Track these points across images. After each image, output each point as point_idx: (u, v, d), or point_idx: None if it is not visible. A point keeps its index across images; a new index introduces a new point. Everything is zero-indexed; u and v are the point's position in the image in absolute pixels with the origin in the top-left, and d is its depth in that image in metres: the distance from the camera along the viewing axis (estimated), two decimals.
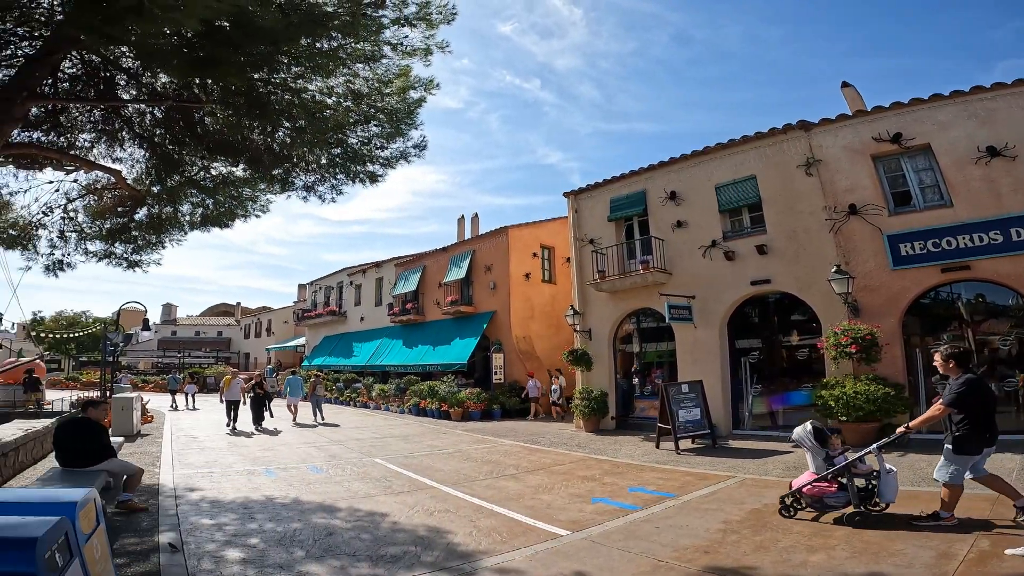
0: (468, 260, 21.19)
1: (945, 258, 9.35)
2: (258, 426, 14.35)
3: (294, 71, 6.48)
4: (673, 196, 13.07)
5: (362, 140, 7.76)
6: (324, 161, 7.92)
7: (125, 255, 9.15)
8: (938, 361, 5.01)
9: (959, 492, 4.74)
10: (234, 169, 8.32)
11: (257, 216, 9.06)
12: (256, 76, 6.25)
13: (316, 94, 7.02)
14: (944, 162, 9.58)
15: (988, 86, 9.32)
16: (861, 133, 10.48)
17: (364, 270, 28.74)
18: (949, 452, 4.74)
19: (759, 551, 4.54)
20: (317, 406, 16.62)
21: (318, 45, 6.12)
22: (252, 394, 15.11)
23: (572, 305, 14.87)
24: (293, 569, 4.32)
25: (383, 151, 7.91)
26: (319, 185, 8.23)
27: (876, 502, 5.12)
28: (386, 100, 7.36)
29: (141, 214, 8.97)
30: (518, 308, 19.43)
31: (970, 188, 9.27)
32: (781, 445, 9.76)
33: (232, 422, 14.31)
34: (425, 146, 7.97)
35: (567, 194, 15.76)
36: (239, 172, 8.36)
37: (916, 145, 9.87)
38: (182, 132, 7.78)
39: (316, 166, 8.03)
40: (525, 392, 17.30)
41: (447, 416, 17.10)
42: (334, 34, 6.01)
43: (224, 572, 4.26)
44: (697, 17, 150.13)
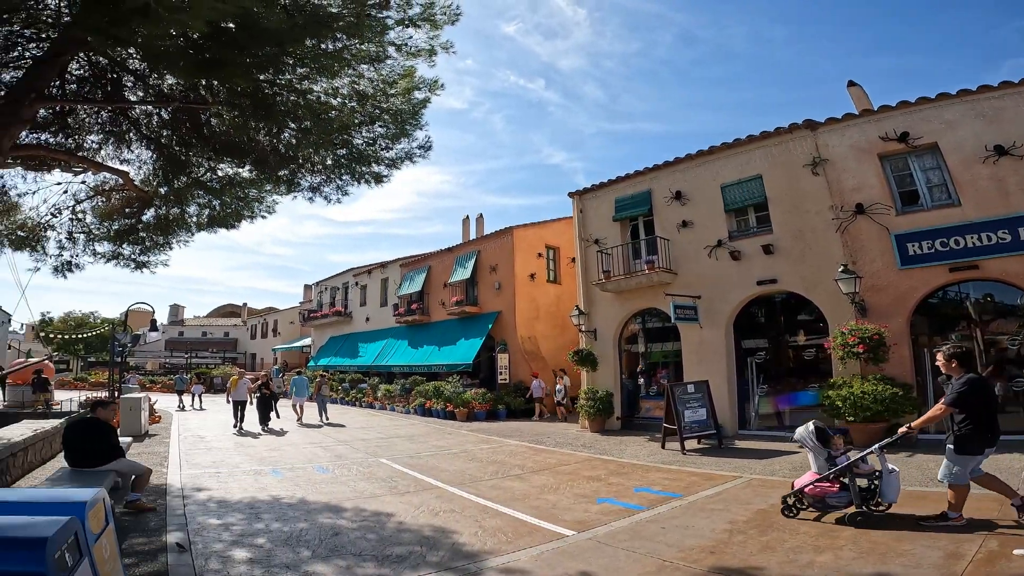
0: (473, 260, 21.19)
1: (953, 257, 9.29)
2: (264, 426, 14.40)
3: (299, 72, 6.51)
4: (678, 196, 13.04)
5: (367, 141, 7.78)
6: (330, 162, 7.95)
7: (133, 256, 9.20)
8: (940, 361, 5.00)
9: (965, 492, 4.72)
10: (240, 170, 8.36)
11: (263, 217, 9.12)
12: (262, 77, 6.28)
13: (321, 95, 7.05)
14: (952, 161, 9.52)
15: (995, 85, 9.26)
16: (868, 132, 10.42)
17: (369, 271, 28.80)
18: (951, 452, 4.73)
19: (765, 551, 4.52)
20: (322, 406, 16.70)
21: (323, 46, 6.15)
22: (258, 394, 15.18)
23: (577, 305, 14.86)
24: (299, 569, 4.33)
25: (388, 152, 7.93)
26: (325, 186, 8.26)
27: (878, 502, 5.10)
28: (391, 101, 7.38)
29: (148, 215, 9.02)
30: (523, 308, 19.41)
31: (978, 187, 9.22)
32: (787, 445, 9.70)
33: (239, 422, 14.37)
34: (430, 147, 8.00)
35: (572, 194, 15.75)
36: (245, 173, 8.39)
37: (923, 144, 9.82)
38: (189, 133, 7.83)
39: (322, 167, 8.05)
40: (530, 392, 17.29)
41: (452, 416, 17.10)
42: (339, 35, 6.03)
43: (231, 572, 4.28)
44: (702, 17, 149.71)
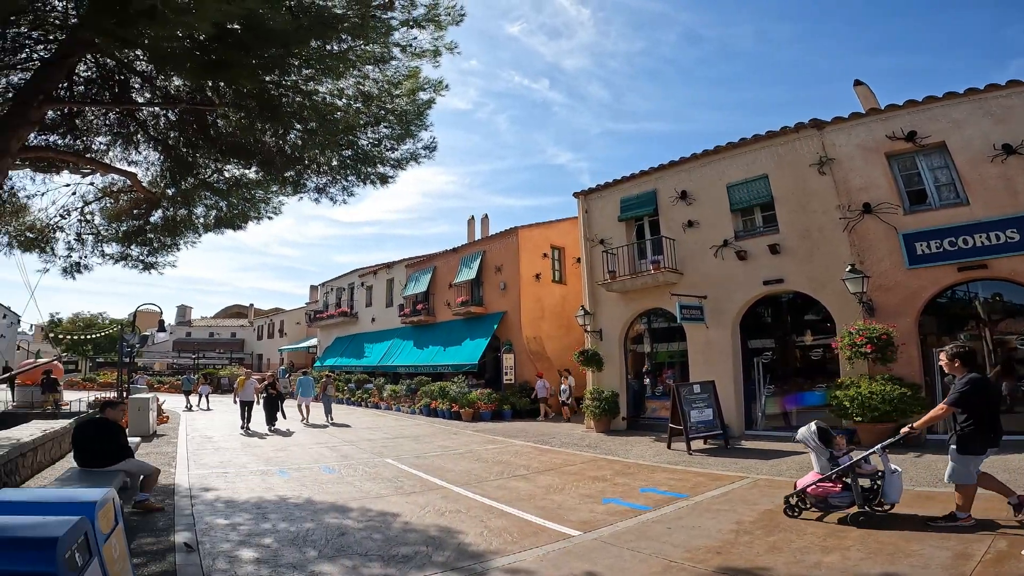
0: (478, 261, 21.21)
1: (961, 257, 9.22)
2: (271, 426, 14.45)
3: (305, 73, 6.53)
4: (684, 196, 13.00)
5: (372, 142, 7.80)
6: (335, 163, 7.97)
7: (141, 257, 9.27)
8: (943, 360, 4.98)
9: (973, 491, 4.69)
10: (247, 171, 8.40)
11: (270, 218, 9.16)
12: (268, 78, 6.31)
13: (327, 96, 7.08)
14: (960, 160, 9.45)
15: (1003, 84, 9.17)
16: (875, 131, 10.36)
17: (375, 271, 28.86)
18: (954, 452, 4.72)
19: (772, 552, 4.51)
20: (328, 406, 16.74)
21: (328, 47, 6.17)
22: (265, 395, 15.23)
23: (583, 305, 14.83)
24: (306, 569, 4.35)
25: (393, 152, 7.95)
26: (330, 187, 8.29)
27: (880, 502, 5.08)
28: (396, 102, 7.40)
29: (156, 216, 9.08)
30: (528, 308, 19.40)
31: (986, 186, 9.14)
32: (794, 446, 9.63)
33: (245, 423, 14.43)
34: (435, 147, 8.01)
35: (577, 194, 15.73)
36: (252, 174, 8.44)
37: (931, 143, 9.74)
38: (196, 135, 7.87)
39: (327, 168, 8.08)
40: (535, 393, 17.29)
41: (458, 417, 17.12)
42: (344, 36, 6.05)
43: (238, 572, 4.30)
44: (706, 16, 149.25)
